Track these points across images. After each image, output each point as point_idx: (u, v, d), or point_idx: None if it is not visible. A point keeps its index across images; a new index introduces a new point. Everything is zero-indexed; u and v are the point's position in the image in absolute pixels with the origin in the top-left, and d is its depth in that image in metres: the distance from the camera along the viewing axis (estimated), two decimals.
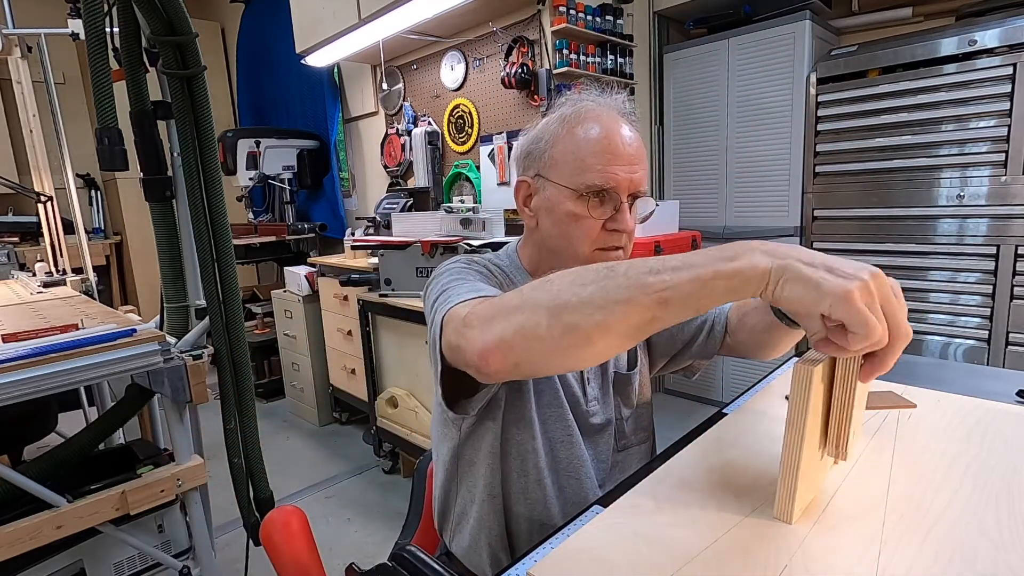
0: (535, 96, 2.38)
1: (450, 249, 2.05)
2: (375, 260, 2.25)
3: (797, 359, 0.51)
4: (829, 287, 0.43)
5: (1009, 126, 1.89)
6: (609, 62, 2.44)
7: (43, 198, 2.30)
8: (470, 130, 2.76)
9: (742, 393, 0.90)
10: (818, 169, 2.35)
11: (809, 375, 0.49)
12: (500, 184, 2.63)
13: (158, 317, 1.42)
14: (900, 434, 0.71)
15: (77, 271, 2.25)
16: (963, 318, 2.07)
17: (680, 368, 1.00)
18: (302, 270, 2.92)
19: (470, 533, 0.84)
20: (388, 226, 2.41)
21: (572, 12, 2.26)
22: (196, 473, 1.25)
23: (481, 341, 0.55)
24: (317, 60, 2.91)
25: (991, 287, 1.99)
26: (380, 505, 2.22)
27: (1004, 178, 1.93)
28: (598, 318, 0.49)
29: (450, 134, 2.88)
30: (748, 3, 2.55)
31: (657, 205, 0.83)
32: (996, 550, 0.49)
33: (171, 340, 1.21)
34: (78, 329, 1.17)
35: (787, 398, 0.52)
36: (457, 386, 0.69)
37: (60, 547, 1.16)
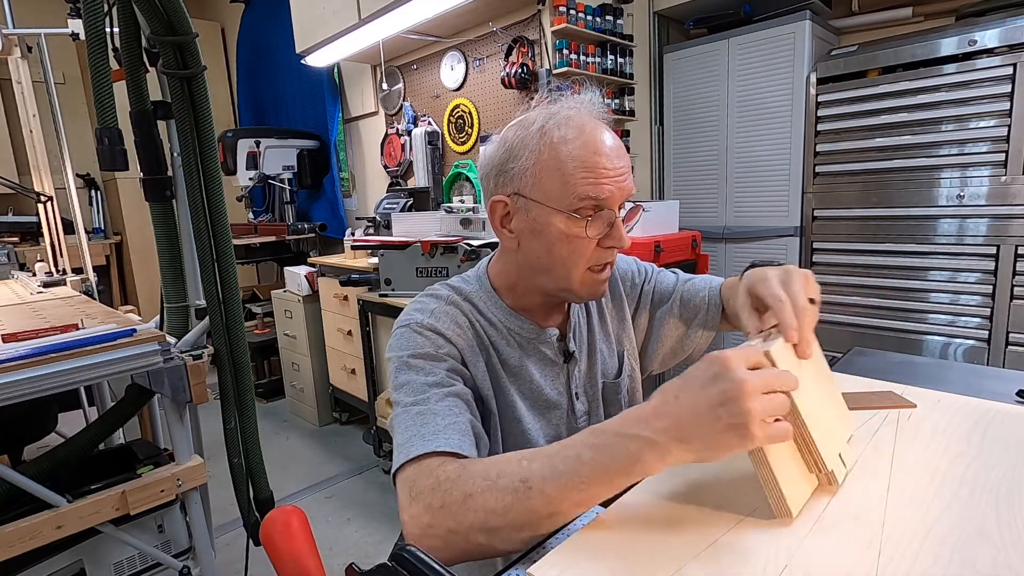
0: (535, 96, 2.37)
1: (450, 249, 2.05)
2: (375, 260, 2.25)
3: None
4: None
5: (1009, 126, 1.89)
6: (609, 62, 2.43)
7: (43, 198, 2.30)
8: (470, 130, 2.76)
9: None
10: (818, 169, 2.34)
11: None
12: None
13: (158, 317, 1.42)
14: (900, 434, 0.71)
15: (77, 271, 2.25)
16: (963, 318, 2.07)
17: (684, 357, 0.94)
18: (302, 270, 2.93)
19: None
20: (388, 226, 2.41)
21: (572, 12, 2.25)
22: (196, 473, 1.25)
23: (445, 552, 0.57)
24: (317, 60, 2.91)
25: (991, 287, 1.99)
26: (380, 505, 2.22)
27: (1004, 178, 1.92)
28: (524, 535, 0.55)
29: (450, 134, 2.88)
30: (748, 3, 2.55)
31: (636, 204, 0.80)
32: (996, 550, 0.49)
33: (171, 340, 1.21)
34: (78, 329, 1.17)
35: None
36: None
37: (60, 547, 1.17)
